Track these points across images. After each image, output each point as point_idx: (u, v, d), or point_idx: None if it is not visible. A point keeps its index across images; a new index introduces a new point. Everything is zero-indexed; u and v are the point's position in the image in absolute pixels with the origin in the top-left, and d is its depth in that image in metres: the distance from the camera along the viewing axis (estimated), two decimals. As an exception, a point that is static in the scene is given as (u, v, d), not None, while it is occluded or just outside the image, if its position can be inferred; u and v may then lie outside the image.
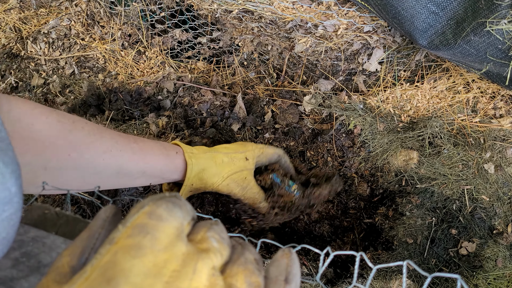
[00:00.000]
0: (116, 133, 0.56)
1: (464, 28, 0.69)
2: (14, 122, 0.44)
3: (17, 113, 0.45)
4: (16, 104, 0.46)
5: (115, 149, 0.54)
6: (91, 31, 1.19)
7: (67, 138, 0.49)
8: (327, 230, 0.96)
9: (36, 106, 0.48)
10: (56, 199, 0.89)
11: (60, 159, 0.48)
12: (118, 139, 0.55)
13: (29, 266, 0.31)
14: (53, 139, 0.48)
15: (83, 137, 0.51)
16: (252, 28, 0.97)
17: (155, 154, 0.60)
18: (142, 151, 0.58)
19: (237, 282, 0.23)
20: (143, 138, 0.61)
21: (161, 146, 0.62)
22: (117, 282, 0.19)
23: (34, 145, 0.46)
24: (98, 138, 0.52)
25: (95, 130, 0.53)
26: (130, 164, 0.56)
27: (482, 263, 0.81)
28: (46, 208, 0.38)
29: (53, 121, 0.48)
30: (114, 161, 0.54)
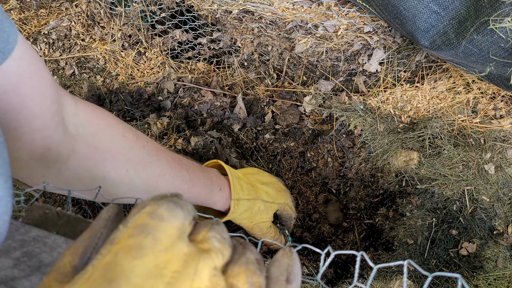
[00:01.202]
0: (170, 157, 0.57)
1: (467, 27, 0.69)
2: (78, 127, 0.44)
3: (83, 119, 0.45)
4: (84, 109, 0.46)
5: (168, 174, 0.55)
6: (91, 32, 1.19)
7: (128, 154, 0.50)
8: (327, 230, 0.96)
9: (104, 116, 0.48)
10: (57, 199, 0.89)
11: (118, 173, 0.49)
12: (172, 164, 0.56)
13: (30, 266, 0.31)
14: (114, 153, 0.48)
15: (142, 156, 0.51)
16: (252, 29, 0.97)
17: (201, 187, 0.62)
18: (191, 182, 0.59)
19: (239, 282, 0.23)
20: (193, 165, 0.62)
21: (209, 181, 0.64)
22: (118, 283, 0.19)
23: (95, 153, 0.46)
24: (155, 160, 0.53)
25: (154, 151, 0.53)
26: (178, 191, 0.57)
27: (483, 263, 0.81)
28: (47, 208, 0.38)
29: (117, 135, 0.49)
30: (165, 186, 0.55)
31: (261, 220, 0.76)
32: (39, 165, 0.42)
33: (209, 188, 0.64)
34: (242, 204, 0.69)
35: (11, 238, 0.33)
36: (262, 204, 0.74)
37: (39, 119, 0.38)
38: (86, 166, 0.45)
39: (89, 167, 0.46)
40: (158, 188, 0.54)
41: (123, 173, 0.49)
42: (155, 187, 0.54)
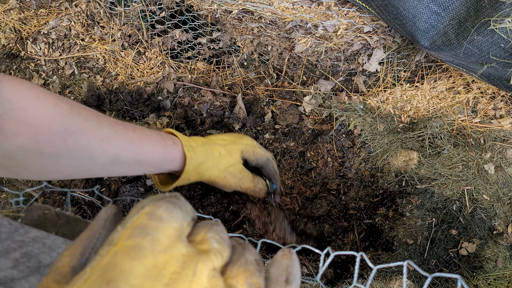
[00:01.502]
0: (114, 121, 0.54)
1: (467, 27, 0.69)
2: (5, 103, 0.43)
3: (9, 95, 0.44)
4: (8, 85, 0.44)
5: (113, 137, 0.52)
6: (91, 32, 1.19)
7: (63, 123, 0.47)
8: (327, 230, 0.96)
9: (31, 88, 0.46)
10: (57, 200, 0.89)
11: (55, 145, 0.46)
12: (116, 127, 0.53)
13: (29, 267, 0.31)
14: (48, 124, 0.46)
15: (80, 122, 0.49)
16: (252, 29, 0.97)
17: (152, 143, 0.58)
18: (140, 140, 0.56)
19: (238, 283, 0.23)
20: (141, 127, 0.59)
21: (159, 136, 0.60)
22: (116, 284, 0.19)
23: (27, 128, 0.44)
24: (96, 125, 0.51)
25: (93, 116, 0.51)
26: (127, 153, 0.55)
27: (482, 263, 0.81)
28: (47, 209, 0.38)
29: (49, 105, 0.47)
30: (111, 149, 0.52)
31: (229, 164, 0.70)
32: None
33: (161, 144, 0.60)
34: (198, 150, 0.65)
35: (10, 239, 0.33)
36: (222, 148, 0.69)
37: None
38: (16, 143, 0.44)
39: (20, 144, 0.44)
40: (104, 153, 0.51)
41: (61, 143, 0.47)
42: (100, 153, 0.51)
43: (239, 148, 0.72)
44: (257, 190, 0.77)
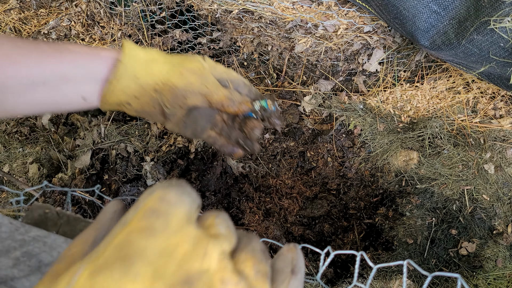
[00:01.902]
0: (32, 41, 0.43)
1: (467, 27, 0.69)
2: None
3: None
4: None
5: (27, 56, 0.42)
6: (91, 32, 1.19)
7: None
8: (327, 230, 0.96)
9: None
10: (57, 199, 0.89)
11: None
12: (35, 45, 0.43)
13: (30, 266, 0.31)
14: None
15: None
16: (252, 28, 0.97)
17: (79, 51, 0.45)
18: (65, 50, 0.44)
19: (246, 267, 0.24)
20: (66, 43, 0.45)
21: (86, 47, 0.46)
22: (132, 261, 0.20)
23: None
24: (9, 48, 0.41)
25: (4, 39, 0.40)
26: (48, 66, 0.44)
27: (482, 263, 0.81)
28: (47, 208, 0.38)
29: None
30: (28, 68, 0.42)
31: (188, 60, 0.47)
32: None
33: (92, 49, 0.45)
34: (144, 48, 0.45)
35: (11, 238, 0.33)
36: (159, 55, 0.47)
37: None
38: None
39: None
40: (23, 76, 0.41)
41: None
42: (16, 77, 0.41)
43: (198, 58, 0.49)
44: (235, 99, 0.50)
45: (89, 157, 0.94)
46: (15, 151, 1.02)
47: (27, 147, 1.02)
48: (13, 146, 1.03)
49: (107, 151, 0.94)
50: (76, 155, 0.95)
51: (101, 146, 0.94)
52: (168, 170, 0.93)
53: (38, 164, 0.99)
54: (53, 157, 1.00)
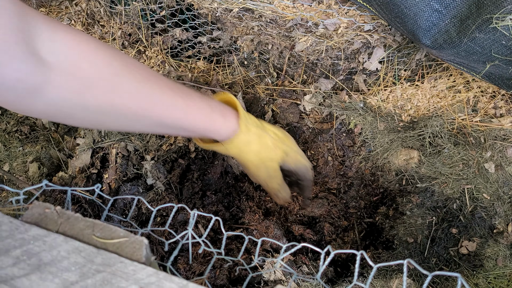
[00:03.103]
0: (164, 83, 0.52)
1: (469, 25, 0.69)
2: (57, 54, 0.42)
3: (62, 45, 0.42)
4: (64, 35, 0.43)
5: (160, 102, 0.51)
6: (91, 31, 1.19)
7: (112, 82, 0.46)
8: (328, 229, 0.96)
9: (87, 41, 0.45)
10: (57, 198, 0.89)
11: (100, 103, 0.46)
12: (165, 90, 0.52)
13: (30, 264, 0.31)
14: (96, 81, 0.45)
15: (129, 84, 0.48)
16: (253, 27, 0.97)
17: (198, 114, 0.57)
18: (186, 108, 0.55)
19: None
20: (191, 92, 0.57)
21: (208, 107, 0.59)
22: None
23: (74, 82, 0.43)
24: (147, 87, 0.49)
25: (144, 78, 0.49)
26: (171, 119, 0.54)
27: (483, 262, 0.81)
28: (47, 207, 0.38)
29: (100, 62, 0.45)
30: (156, 114, 0.51)
31: (269, 158, 0.68)
32: (12, 94, 0.41)
33: (209, 116, 0.59)
34: (252, 130, 0.64)
35: (11, 237, 0.33)
36: (270, 140, 0.67)
37: (4, 53, 0.37)
38: (63, 95, 0.43)
39: (67, 96, 0.43)
40: (149, 117, 0.51)
41: (107, 102, 0.46)
42: (145, 116, 0.50)
43: (284, 148, 0.71)
44: (279, 195, 0.76)
45: (89, 156, 0.94)
46: (15, 150, 1.02)
47: (27, 146, 1.02)
48: (13, 145, 1.03)
49: (107, 149, 0.94)
50: (76, 154, 0.95)
51: (101, 145, 0.94)
52: (168, 169, 0.93)
53: (38, 163, 0.99)
54: (53, 156, 1.00)
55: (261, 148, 0.66)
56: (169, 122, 0.54)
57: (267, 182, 0.72)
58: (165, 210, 0.89)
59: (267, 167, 0.69)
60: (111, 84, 0.46)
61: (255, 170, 0.69)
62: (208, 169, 0.96)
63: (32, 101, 0.42)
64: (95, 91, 0.45)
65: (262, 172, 0.70)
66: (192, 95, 0.57)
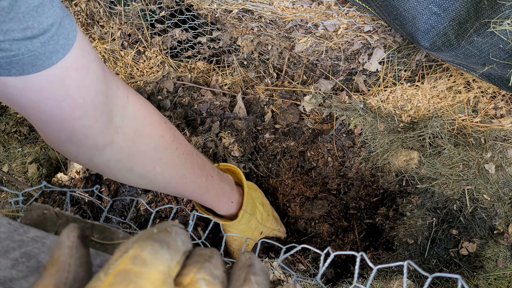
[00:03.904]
0: (196, 162, 0.60)
1: (467, 29, 0.69)
2: (124, 119, 0.46)
3: (131, 113, 0.47)
4: (134, 103, 0.47)
5: (189, 178, 0.59)
6: (91, 31, 1.19)
7: (160, 154, 0.52)
8: (328, 230, 0.96)
9: (150, 113, 0.50)
10: (56, 199, 0.89)
11: (145, 168, 0.51)
12: (195, 169, 0.60)
13: (29, 266, 0.31)
14: (148, 150, 0.50)
15: (172, 158, 0.54)
16: (252, 28, 0.97)
17: (213, 196, 0.67)
18: (206, 189, 0.64)
19: None
20: (213, 173, 0.66)
21: (221, 190, 0.69)
22: None
23: (131, 147, 0.48)
24: (183, 163, 0.57)
25: (184, 155, 0.57)
26: (192, 194, 0.63)
27: (483, 263, 0.81)
28: (46, 208, 0.37)
29: (157, 134, 0.51)
30: (182, 188, 0.59)
31: (253, 237, 0.80)
32: (75, 147, 0.44)
33: (219, 199, 0.69)
34: (246, 218, 0.75)
35: (10, 238, 0.33)
36: (258, 224, 0.79)
37: (80, 109, 0.40)
38: (119, 156, 0.48)
39: (121, 158, 0.48)
40: (175, 189, 0.58)
41: (150, 169, 0.52)
42: (173, 187, 0.58)
43: (268, 231, 0.84)
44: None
45: (88, 157, 0.93)
46: (15, 151, 1.02)
47: (26, 147, 1.02)
48: (12, 146, 1.02)
49: (107, 151, 0.94)
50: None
51: (100, 146, 0.94)
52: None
53: (38, 164, 0.99)
54: (52, 157, 1.00)
55: (248, 230, 0.78)
56: (187, 195, 0.63)
57: (238, 252, 0.83)
58: (164, 212, 0.88)
59: (247, 244, 0.83)
60: (158, 155, 0.52)
61: (231, 243, 0.82)
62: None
63: (91, 156, 0.46)
64: (145, 158, 0.51)
65: (236, 246, 0.83)
66: (213, 176, 0.65)
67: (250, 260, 0.25)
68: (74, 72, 0.37)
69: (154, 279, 0.20)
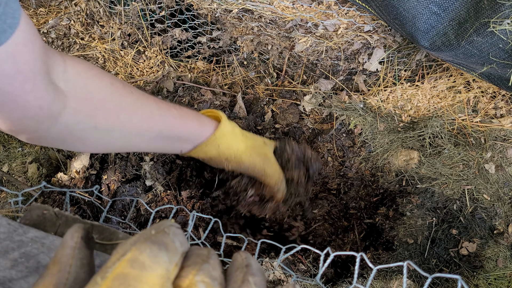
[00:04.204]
0: (158, 100, 0.59)
1: (467, 28, 0.69)
2: (68, 82, 0.46)
3: (72, 74, 0.47)
4: (71, 64, 0.48)
5: (158, 114, 0.57)
6: (91, 31, 1.19)
7: (118, 101, 0.52)
8: (328, 230, 0.96)
9: (91, 68, 0.50)
10: (56, 199, 0.89)
11: (109, 121, 0.51)
12: (160, 105, 0.59)
13: (28, 267, 0.31)
14: (105, 101, 0.50)
15: (132, 101, 0.54)
16: (252, 28, 0.97)
17: (192, 120, 0.64)
18: (181, 117, 0.61)
19: None
20: (181, 106, 0.64)
21: (197, 114, 0.66)
22: None
23: (87, 105, 0.48)
24: (145, 104, 0.56)
25: (142, 96, 0.56)
26: (170, 128, 0.60)
27: (483, 263, 0.81)
28: (45, 209, 0.37)
29: (106, 84, 0.51)
30: (156, 125, 0.57)
31: (259, 143, 0.71)
32: (33, 123, 0.45)
33: (200, 121, 0.65)
34: (234, 124, 0.69)
35: (9, 239, 0.33)
36: (248, 134, 0.72)
37: (31, 82, 0.40)
38: (76, 119, 0.48)
39: (79, 120, 0.48)
40: (150, 129, 0.57)
41: (115, 119, 0.52)
42: (147, 128, 0.56)
43: (262, 139, 0.75)
44: (280, 188, 0.75)
45: (88, 157, 0.93)
46: (14, 150, 1.02)
47: (26, 147, 1.02)
48: (12, 145, 1.02)
49: (107, 150, 0.94)
50: (75, 155, 0.95)
51: (100, 145, 0.94)
52: (167, 170, 0.93)
53: (38, 164, 0.99)
54: (52, 157, 1.00)
55: (244, 138, 0.70)
56: (167, 132, 0.60)
57: (265, 168, 0.71)
58: (164, 212, 0.88)
59: (258, 153, 0.71)
60: (117, 102, 0.52)
61: (249, 159, 0.69)
62: (207, 169, 0.96)
63: (49, 127, 0.46)
64: (104, 111, 0.50)
65: (256, 158, 0.70)
66: (181, 106, 0.64)
67: (246, 260, 0.25)
68: (22, 47, 0.38)
69: (152, 283, 0.20)
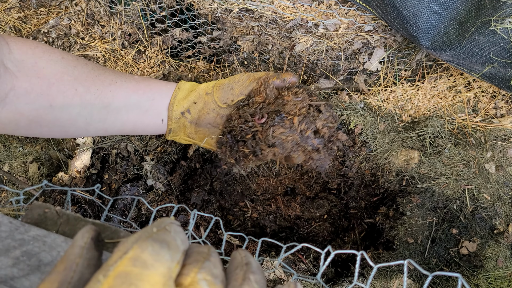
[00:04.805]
0: (115, 70, 0.56)
1: (468, 27, 0.69)
2: (17, 63, 0.45)
3: (18, 54, 0.45)
4: (16, 45, 0.46)
5: (119, 80, 0.54)
6: (91, 31, 1.19)
7: (73, 73, 0.49)
8: (328, 230, 0.96)
9: (37, 45, 0.48)
10: (57, 198, 0.89)
11: (66, 95, 0.48)
12: (120, 73, 0.56)
13: (30, 265, 0.31)
14: (58, 75, 0.48)
15: (88, 71, 0.51)
16: (253, 27, 0.97)
17: (156, 82, 0.61)
18: (144, 81, 0.58)
19: None
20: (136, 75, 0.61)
21: (156, 79, 0.63)
22: None
23: (39, 83, 0.46)
24: (102, 72, 0.53)
25: (97, 66, 0.53)
26: (137, 91, 0.56)
27: (483, 262, 0.81)
28: (47, 207, 0.37)
29: (57, 58, 0.48)
30: (121, 92, 0.54)
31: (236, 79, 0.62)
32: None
33: (162, 81, 0.62)
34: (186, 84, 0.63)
35: (11, 237, 0.33)
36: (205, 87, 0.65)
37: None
38: (28, 99, 0.46)
39: (31, 100, 0.46)
40: (115, 98, 0.53)
41: (72, 93, 0.49)
42: (111, 97, 0.53)
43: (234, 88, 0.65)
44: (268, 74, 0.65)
45: (89, 156, 0.93)
46: (15, 150, 1.02)
47: (27, 146, 1.02)
48: (13, 145, 1.03)
49: (108, 150, 0.94)
50: (76, 154, 0.95)
51: (101, 145, 0.94)
52: (169, 170, 0.93)
53: (38, 163, 0.99)
54: (53, 156, 1.00)
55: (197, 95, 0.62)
56: (135, 97, 0.55)
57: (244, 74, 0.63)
58: (165, 211, 0.89)
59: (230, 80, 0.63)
60: (72, 75, 0.49)
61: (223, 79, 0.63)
62: (207, 169, 0.96)
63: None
64: (60, 85, 0.48)
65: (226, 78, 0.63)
66: (134, 75, 0.60)
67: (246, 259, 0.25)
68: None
69: (154, 282, 0.19)
